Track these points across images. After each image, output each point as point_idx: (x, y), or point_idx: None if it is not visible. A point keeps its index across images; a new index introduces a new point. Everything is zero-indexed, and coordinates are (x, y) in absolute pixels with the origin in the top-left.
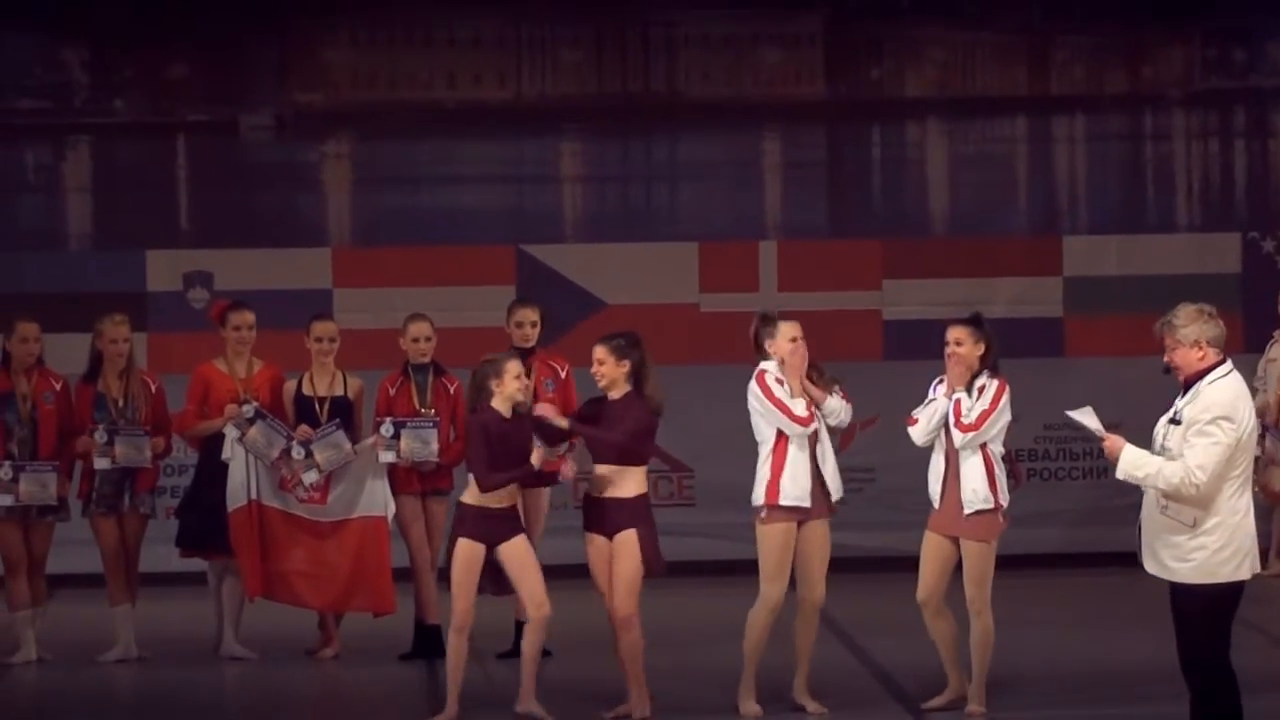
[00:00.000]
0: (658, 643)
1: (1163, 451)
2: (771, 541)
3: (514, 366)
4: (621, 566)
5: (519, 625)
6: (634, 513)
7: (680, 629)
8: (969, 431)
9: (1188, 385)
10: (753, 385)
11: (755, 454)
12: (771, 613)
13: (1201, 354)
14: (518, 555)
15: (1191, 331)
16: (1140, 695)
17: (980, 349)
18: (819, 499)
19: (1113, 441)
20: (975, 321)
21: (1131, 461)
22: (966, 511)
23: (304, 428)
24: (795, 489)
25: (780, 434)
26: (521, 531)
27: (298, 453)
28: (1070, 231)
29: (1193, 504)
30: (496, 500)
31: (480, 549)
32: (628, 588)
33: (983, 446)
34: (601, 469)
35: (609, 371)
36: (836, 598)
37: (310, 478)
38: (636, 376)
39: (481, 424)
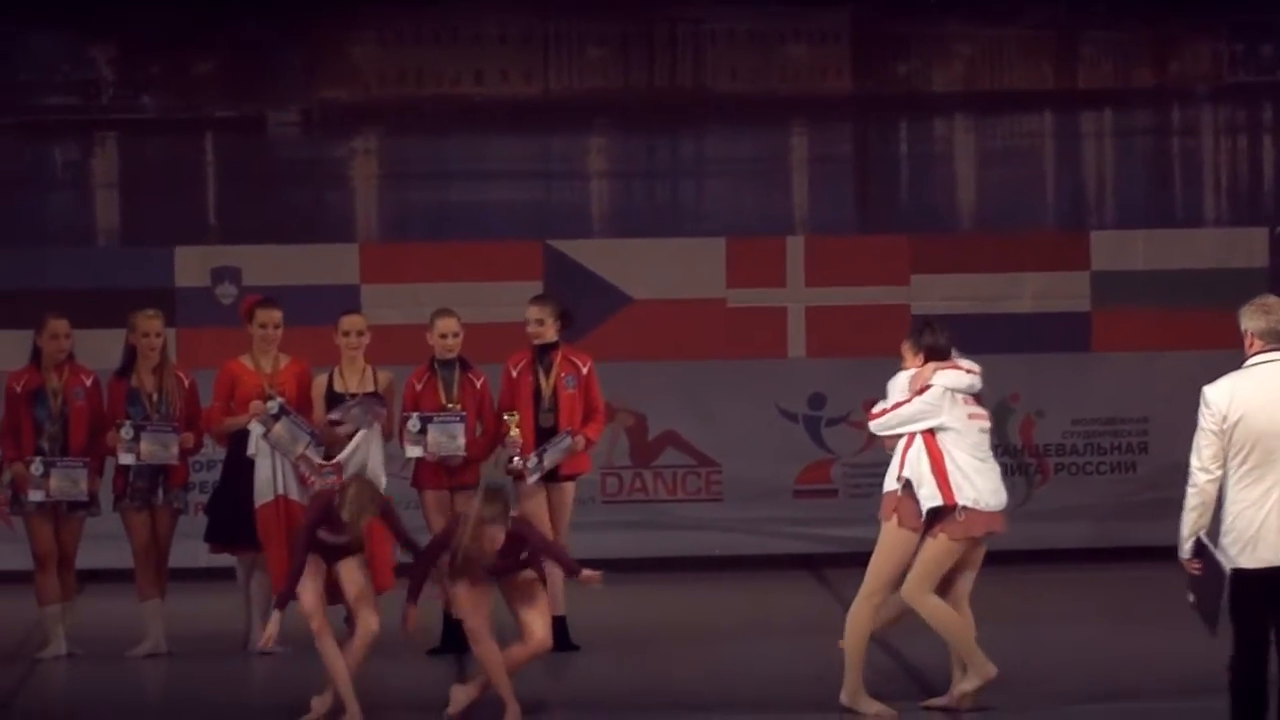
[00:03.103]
0: (686, 639)
1: None
2: (944, 552)
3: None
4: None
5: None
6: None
7: (710, 625)
8: None
9: None
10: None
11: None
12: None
13: (1250, 344)
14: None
15: (1241, 322)
16: (1166, 690)
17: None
18: None
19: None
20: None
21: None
22: None
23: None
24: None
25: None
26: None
27: (315, 452)
28: (1097, 226)
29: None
30: None
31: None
32: None
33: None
34: None
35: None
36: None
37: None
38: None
39: None
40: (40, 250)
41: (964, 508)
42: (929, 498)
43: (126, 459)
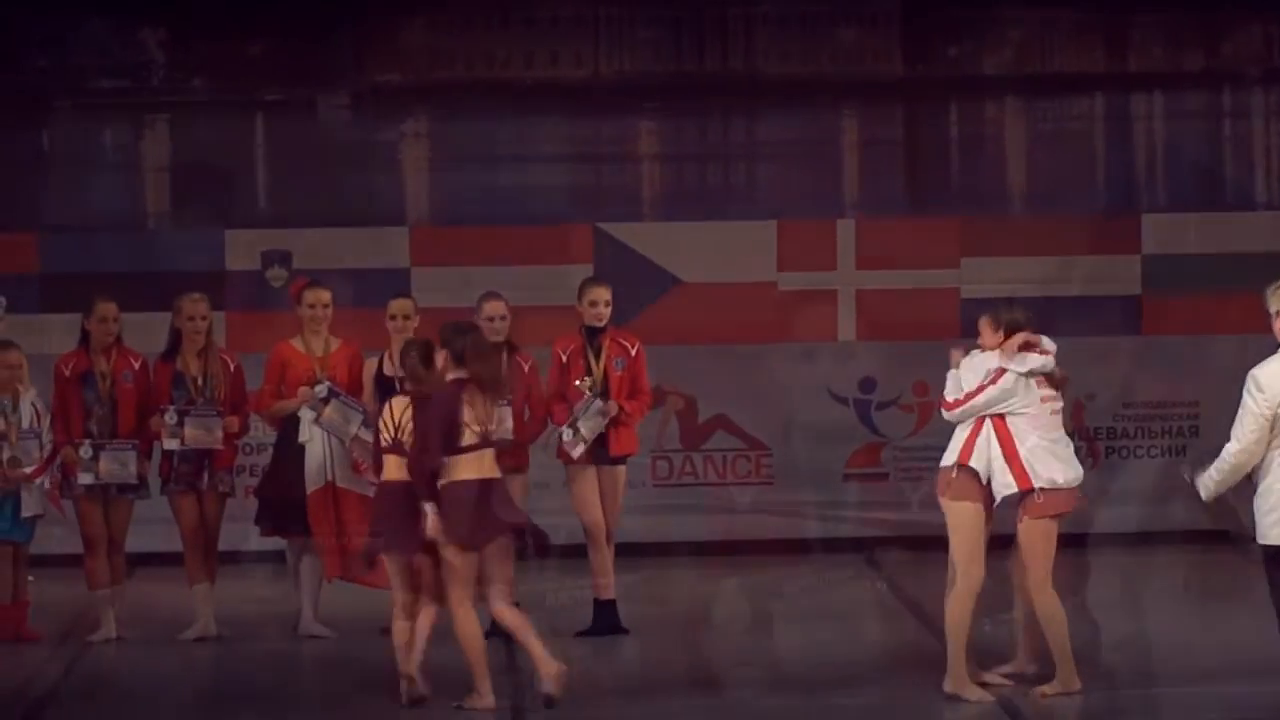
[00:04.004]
0: (735, 622)
1: None
2: (1036, 535)
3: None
4: None
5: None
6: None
7: (759, 608)
8: None
9: None
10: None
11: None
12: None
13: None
14: None
15: (1269, 304)
16: (1218, 674)
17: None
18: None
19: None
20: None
21: (1207, 475)
22: None
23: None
24: None
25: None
26: None
27: (367, 432)
28: (1148, 209)
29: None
30: None
31: None
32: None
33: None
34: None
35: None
36: (918, 577)
37: None
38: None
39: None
40: (90, 233)
41: (1041, 489)
42: (1004, 486)
43: (171, 445)
